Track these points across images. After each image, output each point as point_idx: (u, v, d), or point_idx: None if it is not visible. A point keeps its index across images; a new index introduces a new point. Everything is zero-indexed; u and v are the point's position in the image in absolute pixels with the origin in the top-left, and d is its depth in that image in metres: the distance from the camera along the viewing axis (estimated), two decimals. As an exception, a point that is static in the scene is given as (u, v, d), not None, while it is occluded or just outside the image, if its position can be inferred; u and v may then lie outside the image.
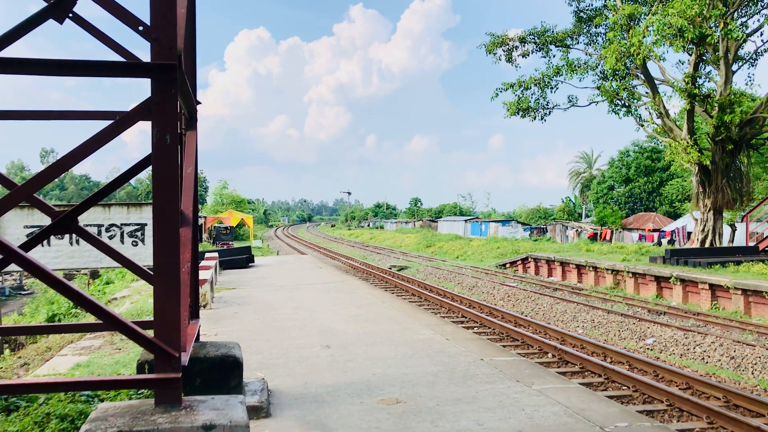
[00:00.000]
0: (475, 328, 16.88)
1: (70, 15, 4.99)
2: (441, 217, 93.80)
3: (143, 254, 8.04)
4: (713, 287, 19.97)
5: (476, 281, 27.22)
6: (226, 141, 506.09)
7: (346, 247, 60.05)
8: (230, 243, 47.04)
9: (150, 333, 3.97)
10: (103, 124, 4.64)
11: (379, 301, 15.63)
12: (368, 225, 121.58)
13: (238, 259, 26.51)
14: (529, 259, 33.02)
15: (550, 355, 13.68)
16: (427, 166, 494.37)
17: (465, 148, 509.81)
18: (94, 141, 3.75)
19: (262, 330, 11.63)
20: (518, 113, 30.86)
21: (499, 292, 24.09)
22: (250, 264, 27.22)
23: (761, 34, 26.74)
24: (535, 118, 31.00)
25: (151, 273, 3.90)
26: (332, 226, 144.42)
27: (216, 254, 22.25)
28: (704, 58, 27.62)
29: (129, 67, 3.91)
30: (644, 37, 23.91)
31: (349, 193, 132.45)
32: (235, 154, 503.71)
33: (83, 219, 8.68)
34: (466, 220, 73.01)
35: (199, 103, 5.71)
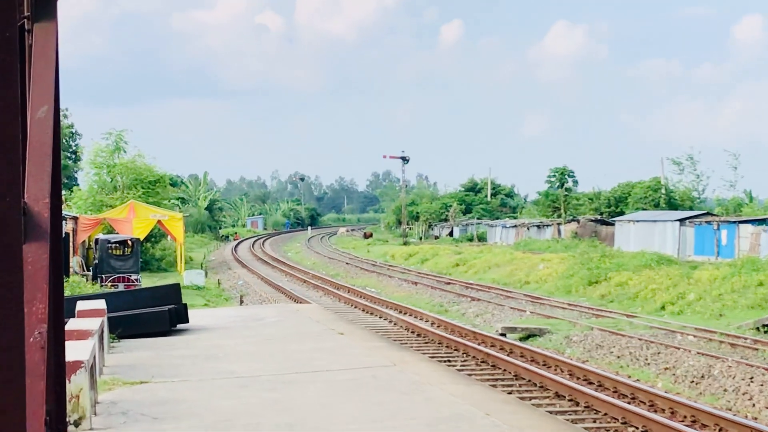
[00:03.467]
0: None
1: None
2: (623, 214, 50.19)
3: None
4: None
5: (708, 364, 14.48)
6: (121, 45, 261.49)
7: (398, 285, 32.86)
8: (133, 277, 25.83)
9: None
10: None
11: (478, 412, 8.17)
12: (449, 232, 70.01)
13: (153, 314, 14.53)
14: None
15: None
16: (582, 95, 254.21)
17: (672, 51, 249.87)
18: None
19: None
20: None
21: (763, 392, 12.91)
22: (179, 326, 14.87)
23: None
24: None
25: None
26: (366, 235, 79.99)
27: (102, 303, 11.76)
28: None
29: None
30: None
31: (404, 161, 72.13)
32: (141, 72, 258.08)
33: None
34: (681, 220, 39.09)
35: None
